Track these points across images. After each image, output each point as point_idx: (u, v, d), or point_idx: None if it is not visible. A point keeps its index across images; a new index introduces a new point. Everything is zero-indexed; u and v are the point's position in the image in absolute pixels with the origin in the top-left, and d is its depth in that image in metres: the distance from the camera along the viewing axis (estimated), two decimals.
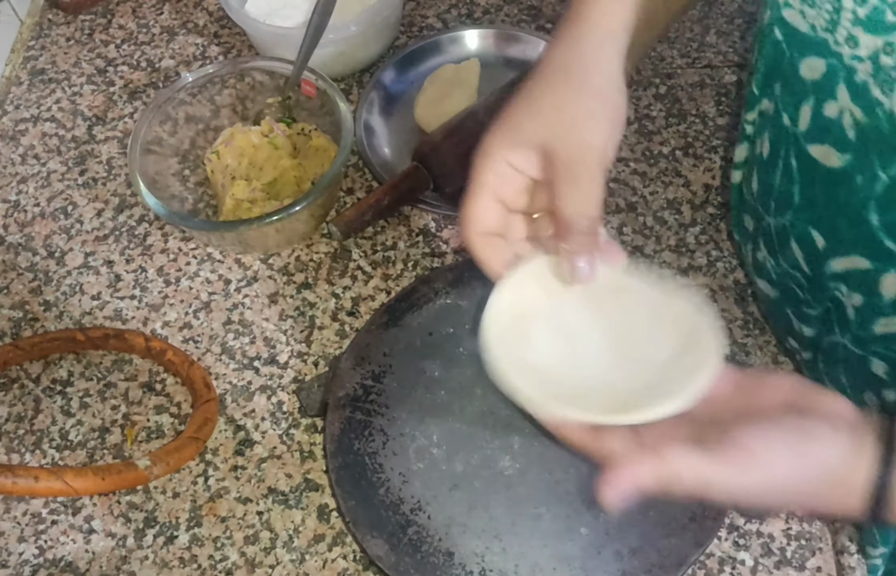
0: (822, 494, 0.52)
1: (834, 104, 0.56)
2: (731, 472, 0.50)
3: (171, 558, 0.68)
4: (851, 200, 0.59)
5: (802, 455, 0.51)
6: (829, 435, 0.52)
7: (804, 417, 0.53)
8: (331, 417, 0.70)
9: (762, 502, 0.53)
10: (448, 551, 0.64)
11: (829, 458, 0.51)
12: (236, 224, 0.80)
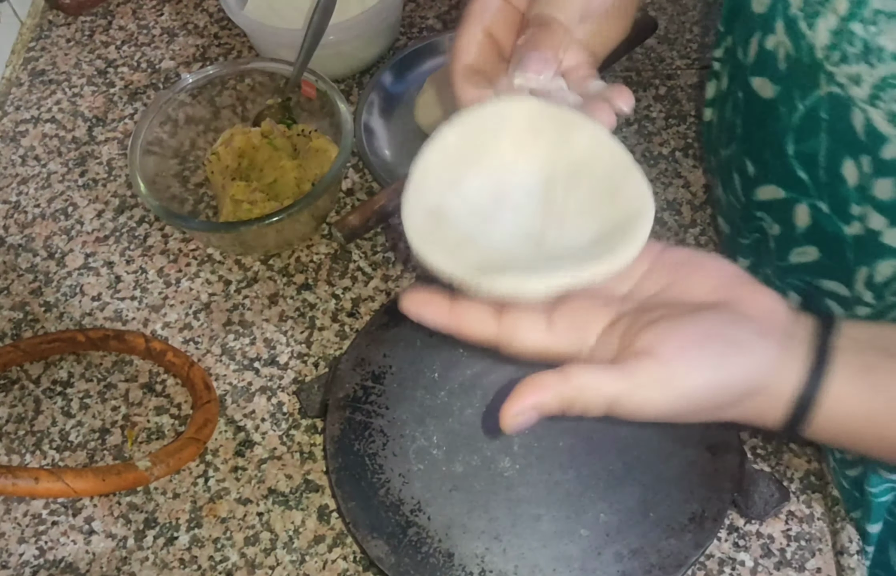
0: (739, 403, 0.50)
1: (773, 37, 0.57)
2: (643, 390, 0.47)
3: (172, 559, 0.68)
4: (776, 130, 0.59)
5: (723, 369, 0.48)
6: (755, 344, 0.49)
7: (730, 318, 0.50)
8: (331, 418, 0.70)
9: (677, 416, 0.49)
10: (448, 552, 0.64)
11: (752, 370, 0.49)
12: (236, 225, 0.80)
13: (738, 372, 0.48)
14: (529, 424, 0.48)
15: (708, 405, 0.49)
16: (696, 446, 0.67)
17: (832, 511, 0.68)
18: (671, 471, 0.66)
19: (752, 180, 0.65)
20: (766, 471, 0.68)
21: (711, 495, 0.65)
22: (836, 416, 0.49)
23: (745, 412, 0.51)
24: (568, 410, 0.48)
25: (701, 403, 0.49)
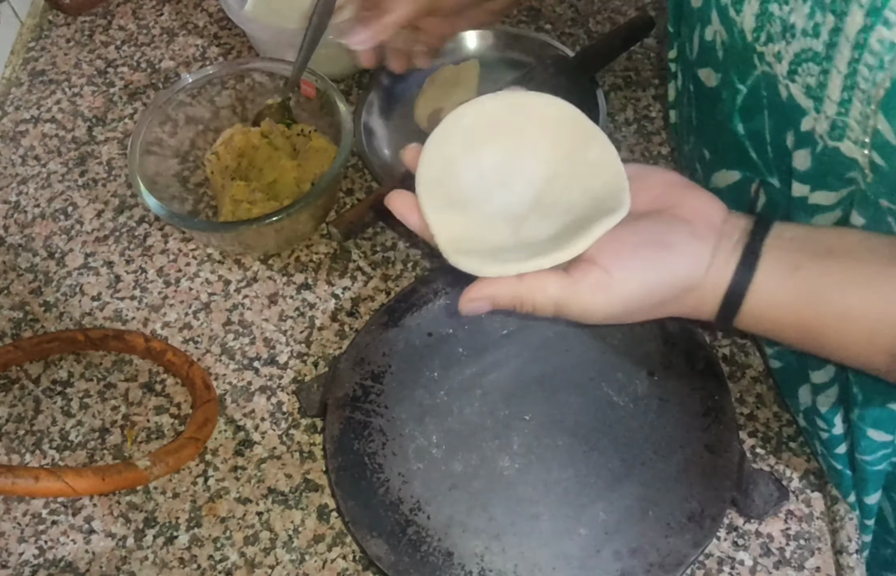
0: (677, 300, 0.55)
1: (710, 28, 0.60)
2: (586, 295, 0.53)
3: (171, 559, 0.68)
4: (722, 114, 0.62)
5: (654, 269, 0.53)
6: (688, 244, 0.54)
7: (666, 222, 0.55)
8: (330, 417, 0.70)
9: (618, 318, 0.54)
10: (447, 550, 0.64)
11: (683, 268, 0.53)
12: (236, 225, 0.80)
13: (670, 272, 0.53)
14: (482, 311, 0.55)
15: (646, 305, 0.54)
16: (696, 445, 0.67)
17: (831, 510, 0.68)
18: (670, 470, 0.66)
19: (710, 166, 0.68)
20: (766, 470, 0.68)
21: (711, 494, 0.65)
22: (764, 310, 0.54)
23: (683, 308, 0.56)
24: (519, 306, 0.54)
25: (639, 304, 0.54)
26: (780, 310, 0.54)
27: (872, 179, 0.53)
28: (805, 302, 0.53)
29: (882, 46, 0.47)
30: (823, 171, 0.56)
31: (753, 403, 0.72)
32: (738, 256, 0.53)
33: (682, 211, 0.55)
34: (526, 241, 0.56)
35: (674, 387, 0.70)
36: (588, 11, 1.01)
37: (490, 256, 0.55)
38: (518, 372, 0.71)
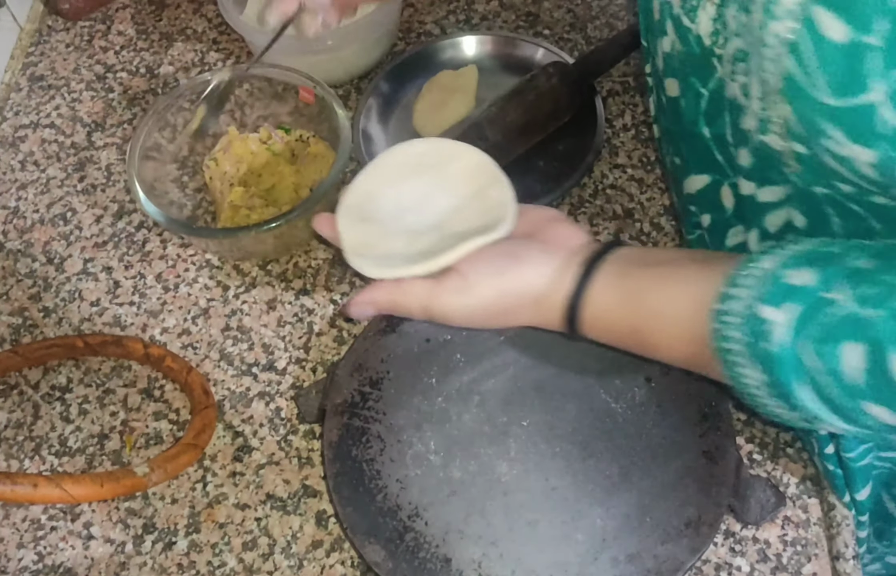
0: (526, 307, 0.63)
1: (667, 39, 0.63)
2: (445, 297, 0.62)
3: (170, 565, 0.69)
4: (688, 120, 0.65)
5: (503, 276, 0.62)
6: (536, 257, 0.62)
7: (521, 243, 0.64)
8: (329, 423, 0.70)
9: (475, 320, 0.63)
10: (445, 557, 0.64)
11: (531, 279, 0.62)
12: (234, 231, 0.80)
13: (519, 279, 0.62)
14: (367, 314, 0.66)
15: (497, 309, 0.63)
16: (693, 452, 0.67)
17: (828, 516, 0.68)
18: (667, 476, 0.66)
19: (682, 173, 0.70)
20: (763, 476, 0.68)
21: (708, 501, 0.65)
22: (598, 316, 0.61)
23: (535, 316, 0.63)
24: (395, 309, 0.65)
25: (492, 306, 0.62)
26: (612, 314, 0.61)
27: (800, 169, 0.56)
28: (629, 306, 0.60)
29: (776, 39, 0.50)
30: (763, 166, 0.59)
31: (750, 409, 0.72)
32: (579, 270, 0.61)
33: (543, 236, 0.64)
34: (418, 253, 0.65)
35: (671, 393, 0.70)
36: (586, 17, 1.01)
37: (378, 262, 0.65)
38: (516, 378, 0.71)
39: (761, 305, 0.52)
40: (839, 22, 0.46)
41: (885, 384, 0.48)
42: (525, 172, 0.87)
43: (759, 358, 0.53)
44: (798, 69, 0.49)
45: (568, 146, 0.89)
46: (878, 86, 0.46)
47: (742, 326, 0.53)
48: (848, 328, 0.49)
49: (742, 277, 0.54)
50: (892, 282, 0.48)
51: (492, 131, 0.85)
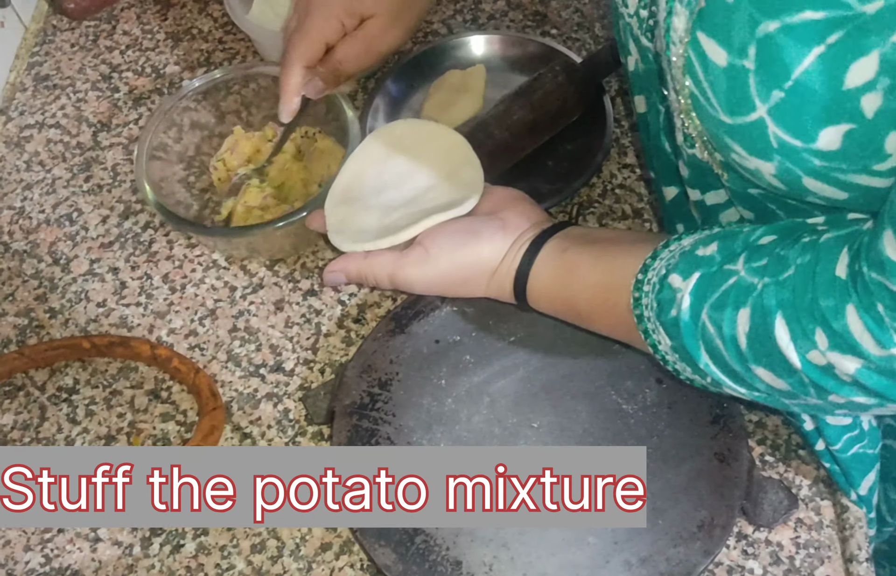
0: (481, 280, 0.70)
1: (631, 58, 0.67)
2: (408, 268, 0.69)
3: (178, 567, 0.68)
4: (652, 135, 0.69)
5: (461, 250, 0.69)
6: (493, 234, 0.69)
7: (485, 221, 0.70)
8: (337, 425, 0.70)
9: (435, 288, 0.71)
10: (456, 560, 0.64)
11: (486, 253, 0.68)
12: (246, 230, 0.79)
13: (474, 253, 0.69)
14: (340, 282, 0.73)
15: (454, 279, 0.70)
16: (705, 454, 0.66)
17: (841, 518, 0.67)
18: (680, 479, 0.66)
19: (656, 186, 0.74)
20: (775, 478, 0.67)
21: (720, 503, 0.64)
22: (541, 288, 0.67)
23: (490, 288, 0.70)
24: (363, 279, 0.72)
25: (448, 277, 0.69)
26: (551, 288, 0.67)
27: (727, 176, 0.59)
28: (565, 279, 0.66)
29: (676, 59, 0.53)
30: (698, 175, 0.63)
31: (762, 410, 0.72)
32: (527, 246, 0.67)
33: (504, 214, 0.70)
34: (386, 226, 0.72)
35: (682, 395, 0.69)
36: (594, 16, 1.01)
37: (352, 236, 0.72)
38: (526, 379, 0.71)
39: (672, 275, 0.57)
40: (718, 47, 0.49)
41: (768, 347, 0.51)
42: (533, 172, 0.87)
43: (667, 324, 0.57)
44: (696, 90, 0.52)
45: (576, 145, 0.88)
46: (761, 104, 0.48)
47: (653, 293, 0.58)
48: (737, 295, 0.53)
49: (661, 250, 0.59)
50: (781, 254, 0.52)
51: (499, 130, 0.84)
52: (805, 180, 0.51)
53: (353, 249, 0.72)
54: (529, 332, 0.73)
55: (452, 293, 0.72)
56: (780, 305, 0.51)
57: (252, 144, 0.87)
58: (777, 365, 0.52)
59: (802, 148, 0.49)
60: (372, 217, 0.74)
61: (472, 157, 0.75)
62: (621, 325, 0.62)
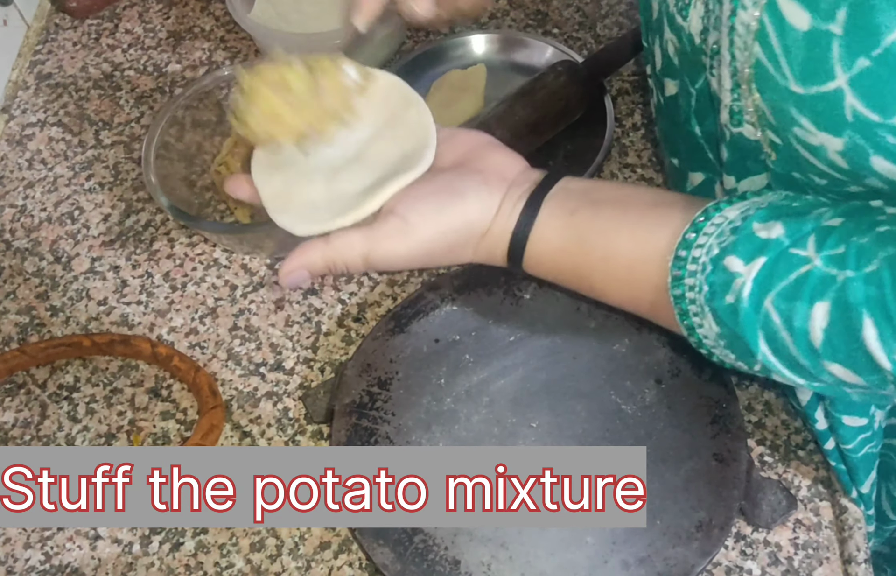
0: (469, 244, 0.61)
1: (665, 38, 0.63)
2: (386, 242, 0.59)
3: (177, 565, 0.68)
4: (682, 120, 0.65)
5: (445, 214, 0.60)
6: (479, 192, 0.60)
7: (460, 174, 0.61)
8: (337, 424, 0.70)
9: (417, 262, 0.61)
10: (454, 559, 0.64)
11: (472, 213, 0.60)
12: (256, 227, 0.80)
13: (461, 216, 0.60)
14: (302, 281, 0.61)
15: (440, 247, 0.61)
16: (703, 454, 0.66)
17: (840, 519, 0.67)
18: (678, 479, 0.66)
19: (680, 173, 0.70)
20: (774, 479, 0.67)
21: (718, 503, 0.64)
22: (543, 253, 0.60)
23: (478, 253, 0.62)
24: (332, 268, 0.61)
25: (434, 245, 0.60)
26: (557, 252, 0.60)
27: (776, 156, 0.55)
28: (576, 244, 0.59)
29: (743, 28, 0.50)
30: (740, 158, 0.59)
31: (762, 410, 0.72)
32: (523, 204, 0.60)
33: (479, 165, 0.62)
34: (338, 194, 0.62)
35: (682, 395, 0.69)
36: (596, 16, 1.01)
37: (303, 215, 0.61)
38: (525, 379, 0.71)
39: (729, 256, 0.52)
40: (802, 10, 0.46)
41: (851, 345, 0.48)
42: None
43: (720, 310, 0.52)
44: (766, 57, 0.50)
45: (577, 145, 0.88)
46: (842, 73, 0.46)
47: (704, 275, 0.53)
48: (812, 287, 0.49)
49: (703, 223, 0.54)
50: (861, 243, 0.49)
51: (500, 130, 0.84)
52: (873, 159, 0.48)
53: (310, 232, 0.61)
54: (529, 332, 0.73)
55: (435, 264, 0.63)
56: (867, 301, 0.47)
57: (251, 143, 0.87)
58: (858, 363, 0.49)
59: (879, 123, 0.46)
60: (317, 186, 0.63)
61: (413, 96, 0.66)
62: (645, 300, 0.58)
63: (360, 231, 0.60)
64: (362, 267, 0.61)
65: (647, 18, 0.66)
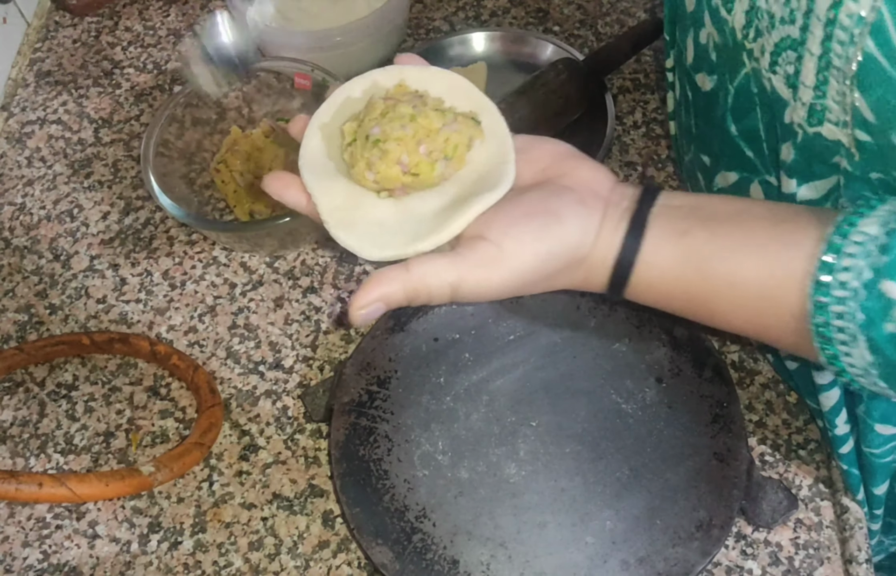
0: (567, 270, 0.53)
1: (704, 31, 0.60)
2: (477, 272, 0.51)
3: (176, 564, 0.68)
4: (718, 116, 0.62)
5: (545, 238, 0.52)
6: (574, 211, 0.53)
7: (551, 192, 0.53)
8: (336, 422, 0.70)
9: (509, 292, 0.53)
10: (453, 559, 0.63)
11: (573, 236, 0.52)
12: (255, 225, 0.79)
13: (560, 241, 0.52)
14: (376, 316, 0.52)
15: (538, 276, 0.53)
16: (704, 453, 0.66)
17: (841, 519, 0.67)
18: (679, 478, 0.65)
19: (710, 172, 0.68)
20: (775, 478, 0.67)
21: (719, 503, 0.64)
22: (652, 279, 0.53)
23: (574, 279, 0.54)
24: (414, 299, 0.52)
25: (532, 275, 0.52)
26: (669, 278, 0.53)
27: (860, 157, 0.52)
28: (693, 268, 0.52)
29: (851, 20, 0.47)
30: (807, 160, 0.55)
31: (763, 410, 0.72)
32: (626, 224, 0.53)
33: (568, 181, 0.54)
34: (409, 215, 0.54)
35: (682, 394, 0.69)
36: (596, 13, 1.01)
37: (371, 234, 0.53)
38: (525, 378, 0.71)
39: (885, 281, 0.46)
40: None
41: None
42: None
43: (880, 339, 0.47)
44: (881, 52, 0.46)
45: (578, 143, 0.85)
46: None
47: (857, 301, 0.47)
48: None
49: (846, 243, 0.48)
50: None
51: None
52: None
53: (385, 258, 0.52)
54: (529, 330, 0.73)
55: (526, 292, 0.54)
56: None
57: (250, 141, 0.87)
58: None
59: None
60: (384, 205, 0.54)
61: (484, 101, 0.57)
62: (778, 328, 0.52)
63: (446, 258, 0.52)
64: (448, 298, 0.53)
65: (677, 11, 0.64)
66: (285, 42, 0.92)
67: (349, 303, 0.52)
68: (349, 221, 0.54)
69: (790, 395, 0.72)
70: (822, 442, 0.70)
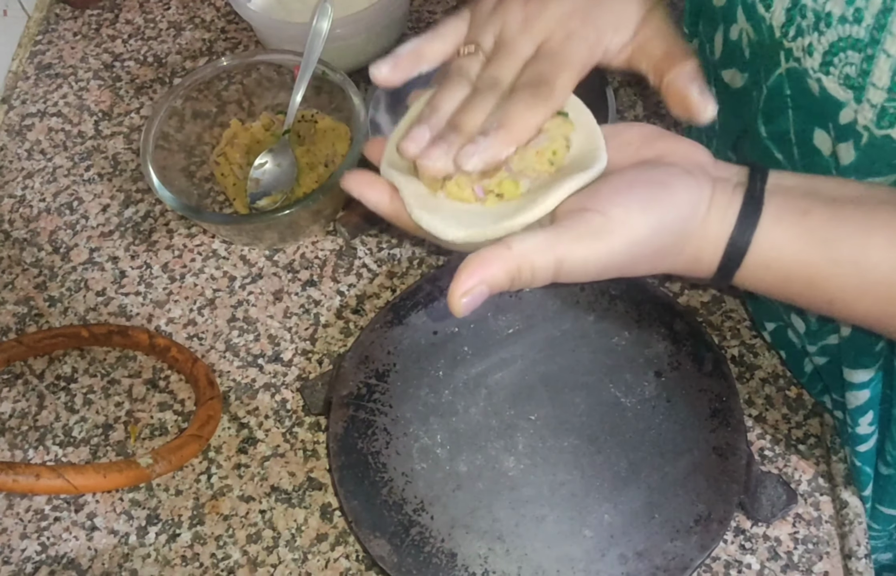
0: (677, 246, 0.50)
1: (735, 27, 0.58)
2: (582, 244, 0.48)
3: (174, 556, 0.68)
4: (748, 116, 0.60)
5: (655, 208, 0.48)
6: (683, 181, 0.49)
7: (656, 166, 0.50)
8: (334, 415, 0.70)
9: (613, 270, 0.49)
10: (451, 552, 0.63)
11: (686, 211, 0.49)
12: (254, 218, 0.79)
13: (672, 210, 0.49)
14: (480, 302, 0.48)
15: (647, 250, 0.49)
16: (703, 447, 0.66)
17: (840, 514, 0.67)
18: (677, 472, 0.65)
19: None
20: (774, 473, 0.67)
21: (718, 497, 0.64)
22: (770, 260, 0.50)
23: (681, 261, 0.51)
24: (517, 279, 0.48)
25: (640, 248, 0.48)
26: (788, 259, 0.50)
27: None
28: (818, 250, 0.49)
29: None
30: (870, 161, 0.53)
31: (762, 404, 0.72)
32: (739, 201, 0.49)
33: (668, 158, 0.51)
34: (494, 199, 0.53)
35: (681, 388, 0.69)
36: None
37: (456, 215, 0.51)
38: (524, 372, 0.70)
39: None
40: None
41: None
42: None
43: None
44: None
45: None
46: None
47: None
48: None
49: None
50: None
51: None
52: None
53: (473, 239, 0.50)
54: (528, 324, 0.73)
55: (630, 272, 0.51)
56: None
57: (250, 134, 0.87)
58: None
59: None
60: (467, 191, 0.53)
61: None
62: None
63: (548, 232, 0.48)
64: (552, 276, 0.49)
65: (703, 4, 0.63)
66: (285, 34, 0.92)
67: (448, 294, 0.48)
68: (433, 206, 0.52)
69: (790, 390, 0.72)
70: (822, 437, 0.70)
